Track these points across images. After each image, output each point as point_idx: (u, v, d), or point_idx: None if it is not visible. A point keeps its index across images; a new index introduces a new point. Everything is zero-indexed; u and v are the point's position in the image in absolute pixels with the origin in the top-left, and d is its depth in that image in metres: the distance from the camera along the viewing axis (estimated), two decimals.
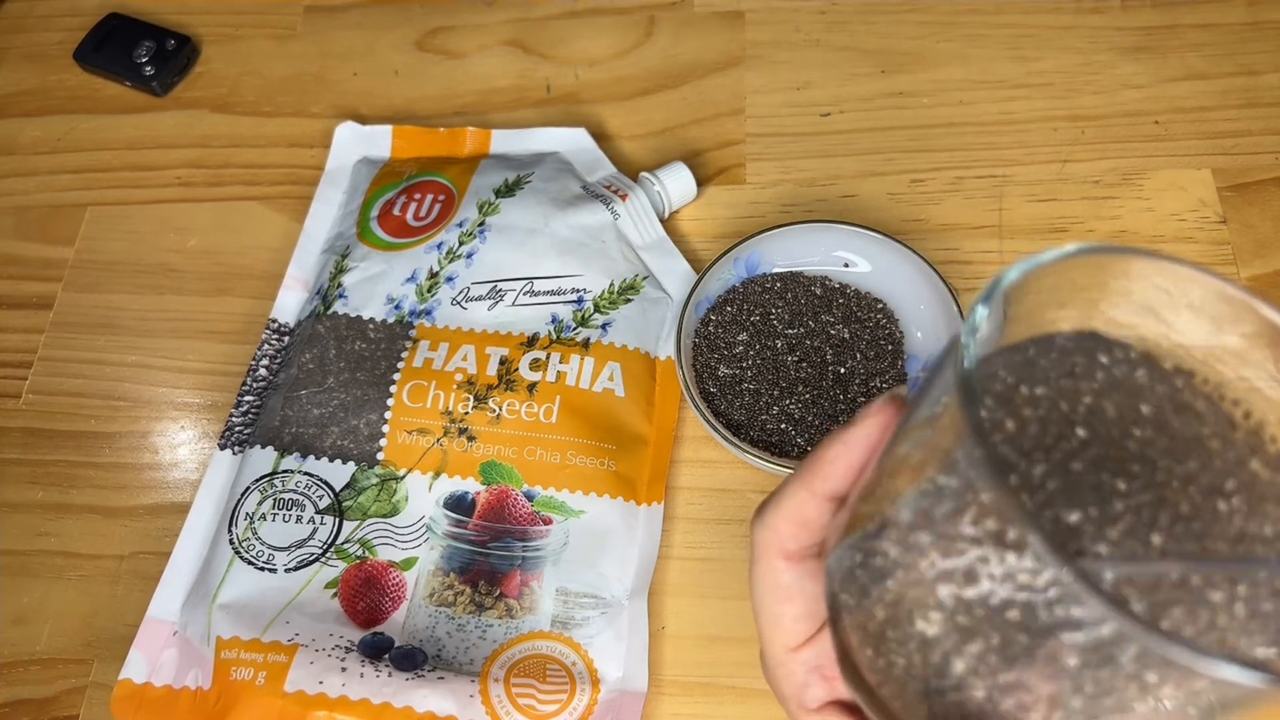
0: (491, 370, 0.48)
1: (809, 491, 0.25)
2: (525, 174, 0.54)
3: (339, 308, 0.51)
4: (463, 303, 0.50)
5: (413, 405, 0.47)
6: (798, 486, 0.25)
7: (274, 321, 0.53)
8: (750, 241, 0.50)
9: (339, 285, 0.52)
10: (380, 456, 0.47)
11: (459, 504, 0.46)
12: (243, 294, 0.56)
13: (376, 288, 0.51)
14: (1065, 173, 0.55)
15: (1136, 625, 0.16)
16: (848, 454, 0.24)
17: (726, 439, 0.45)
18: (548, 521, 0.46)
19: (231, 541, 0.46)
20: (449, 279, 0.51)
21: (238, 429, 0.50)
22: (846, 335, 0.49)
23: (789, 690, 0.28)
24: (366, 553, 0.45)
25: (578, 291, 0.50)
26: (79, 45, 0.65)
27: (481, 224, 0.52)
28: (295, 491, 0.46)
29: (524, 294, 0.50)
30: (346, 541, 0.45)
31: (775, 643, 0.28)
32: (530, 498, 0.46)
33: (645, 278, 0.52)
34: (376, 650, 0.42)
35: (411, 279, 0.51)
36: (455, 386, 0.48)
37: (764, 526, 0.26)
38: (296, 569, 0.45)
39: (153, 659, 0.44)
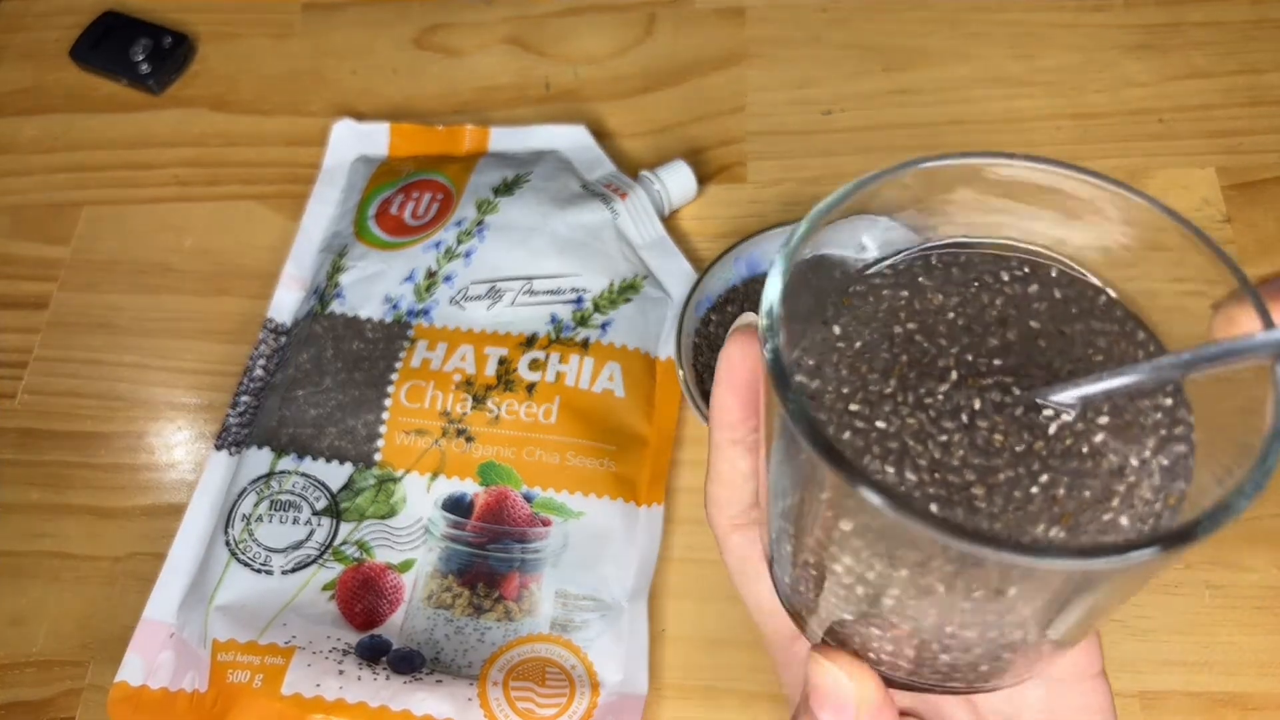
0: (490, 370, 0.48)
1: (715, 448, 0.25)
2: (524, 172, 0.54)
3: (336, 307, 0.50)
4: (461, 302, 0.50)
5: (411, 406, 0.47)
6: (709, 448, 0.26)
7: (271, 321, 0.52)
8: (751, 240, 0.49)
9: (336, 285, 0.51)
10: (378, 457, 0.46)
11: (457, 505, 0.46)
12: (239, 293, 0.55)
13: (374, 287, 0.51)
14: None
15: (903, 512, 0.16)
16: (730, 392, 0.24)
17: None
18: (547, 523, 0.45)
19: (228, 543, 0.45)
20: (447, 278, 0.51)
21: (234, 429, 0.50)
22: None
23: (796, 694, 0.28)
24: (364, 554, 0.45)
25: (577, 291, 0.50)
26: (75, 43, 0.64)
27: (480, 223, 0.52)
28: (292, 493, 0.46)
29: (523, 293, 0.50)
30: (344, 543, 0.45)
31: (768, 628, 0.28)
32: (529, 499, 0.46)
33: (645, 277, 0.51)
34: (374, 653, 0.42)
35: (409, 278, 0.51)
36: (454, 387, 0.47)
37: (709, 502, 0.27)
38: (293, 571, 0.44)
39: (149, 661, 0.44)
